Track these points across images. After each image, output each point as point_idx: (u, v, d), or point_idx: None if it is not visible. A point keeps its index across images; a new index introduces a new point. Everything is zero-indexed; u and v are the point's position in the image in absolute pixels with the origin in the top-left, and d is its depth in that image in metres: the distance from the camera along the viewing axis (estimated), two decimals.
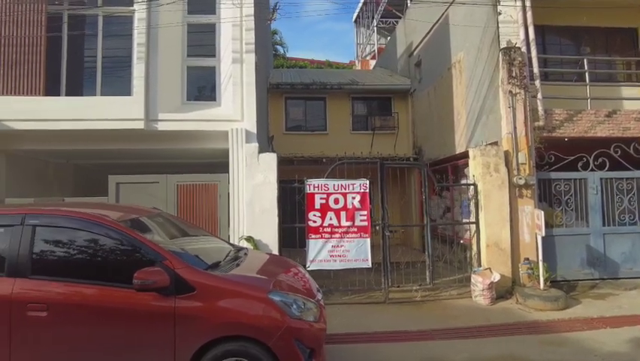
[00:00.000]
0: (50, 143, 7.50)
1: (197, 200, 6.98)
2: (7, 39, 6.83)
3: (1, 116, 6.86)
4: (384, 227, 6.98)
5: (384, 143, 13.36)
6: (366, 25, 25.53)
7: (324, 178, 6.89)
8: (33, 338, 3.38)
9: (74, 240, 3.62)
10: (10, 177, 7.65)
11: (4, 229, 3.63)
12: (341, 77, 14.56)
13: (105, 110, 6.89)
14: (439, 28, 11.13)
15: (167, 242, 3.96)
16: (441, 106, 11.20)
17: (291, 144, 13.01)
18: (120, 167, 10.62)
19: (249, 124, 7.12)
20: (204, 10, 7.57)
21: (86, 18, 7.69)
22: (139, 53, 7.00)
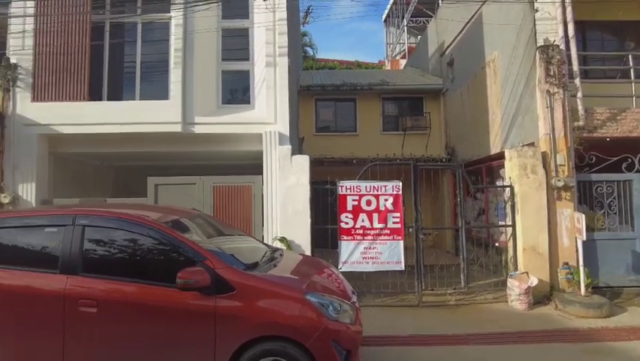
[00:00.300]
0: (93, 146, 7.84)
1: (233, 201, 7.12)
2: (57, 48, 7.20)
3: (50, 121, 7.25)
4: (417, 230, 6.92)
5: (415, 143, 13.21)
6: (396, 24, 25.31)
7: (356, 180, 6.89)
8: (83, 332, 3.56)
9: (121, 240, 3.78)
10: (57, 178, 8.03)
11: (56, 228, 3.84)
12: (371, 78, 14.51)
13: (144, 114, 7.16)
14: (472, 26, 10.93)
15: (207, 242, 4.07)
16: (474, 106, 10.98)
17: (321, 145, 13.05)
18: (157, 168, 10.95)
19: (282, 127, 7.22)
20: (238, 15, 7.73)
21: (125, 25, 8.02)
22: (176, 58, 7.23)
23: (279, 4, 7.18)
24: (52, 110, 7.27)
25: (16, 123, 7.33)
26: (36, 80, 7.33)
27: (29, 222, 4.02)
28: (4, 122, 7.31)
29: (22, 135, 7.31)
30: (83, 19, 7.27)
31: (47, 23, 7.27)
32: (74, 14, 7.20)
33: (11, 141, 7.33)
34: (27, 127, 7.32)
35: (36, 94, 7.33)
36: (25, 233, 3.96)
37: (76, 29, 7.27)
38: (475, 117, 10.92)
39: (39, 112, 7.31)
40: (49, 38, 7.28)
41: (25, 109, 7.34)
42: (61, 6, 7.26)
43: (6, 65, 7.23)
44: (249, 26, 7.64)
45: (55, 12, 7.25)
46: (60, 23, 7.22)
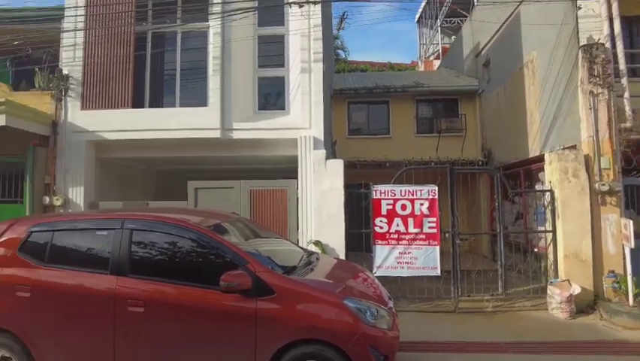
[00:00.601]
0: (136, 151, 8.20)
1: (269, 204, 7.28)
2: (104, 59, 7.60)
3: (97, 127, 7.66)
4: (454, 235, 6.84)
5: (450, 146, 13.01)
6: (430, 25, 24.99)
7: (391, 184, 6.88)
8: (131, 330, 3.76)
9: (166, 243, 3.97)
10: (103, 182, 8.45)
11: (107, 231, 4.08)
12: (404, 80, 14.39)
13: (184, 120, 7.44)
14: (508, 26, 10.67)
15: (247, 246, 4.21)
16: (512, 107, 10.71)
17: (354, 148, 13.07)
18: (196, 172, 11.33)
19: (316, 131, 7.31)
20: (274, 22, 7.91)
21: (166, 35, 8.35)
22: (214, 65, 7.47)
23: (314, 11, 7.28)
24: (98, 118, 7.68)
25: (67, 130, 7.79)
26: (85, 90, 7.77)
27: (82, 225, 4.29)
28: (57, 129, 7.79)
29: (73, 142, 7.75)
30: (127, 31, 7.65)
31: (95, 36, 7.69)
32: (120, 27, 7.57)
33: (63, 147, 7.79)
34: (77, 134, 7.76)
35: (85, 102, 7.77)
36: (79, 235, 4.22)
37: (121, 41, 7.66)
38: (513, 119, 10.65)
39: (87, 119, 7.74)
40: (97, 50, 7.71)
41: (75, 117, 7.79)
42: (108, 19, 7.66)
43: (59, 77, 7.71)
44: (284, 33, 7.80)
45: (102, 25, 7.65)
46: (107, 36, 7.63)
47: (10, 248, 4.16)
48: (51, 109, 7.85)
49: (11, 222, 4.37)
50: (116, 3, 7.63)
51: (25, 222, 4.34)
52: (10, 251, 4.15)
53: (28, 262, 4.05)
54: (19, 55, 8.20)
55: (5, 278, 4.02)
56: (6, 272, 4.05)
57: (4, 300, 3.95)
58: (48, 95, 7.87)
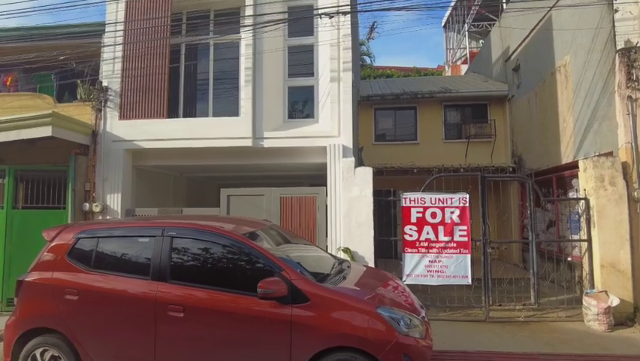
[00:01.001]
0: (170, 159, 8.49)
1: (298, 211, 7.40)
2: (141, 71, 7.93)
3: (134, 137, 7.98)
4: (485, 243, 6.77)
5: (479, 152, 12.84)
6: (457, 29, 24.72)
7: (421, 192, 6.87)
8: (171, 334, 3.92)
9: (205, 250, 4.14)
10: (139, 189, 8.77)
11: (148, 238, 4.27)
12: (432, 85, 14.31)
13: (217, 130, 7.66)
14: (540, 30, 10.48)
15: (282, 253, 4.32)
16: (543, 113, 10.50)
17: (381, 154, 13.09)
18: (225, 179, 11.61)
19: (345, 139, 7.39)
20: (303, 33, 8.05)
21: (199, 46, 8.64)
22: (246, 76, 7.67)
23: (343, 21, 7.39)
24: (135, 127, 8.01)
25: (105, 140, 8.15)
26: (123, 100, 8.11)
27: (125, 232, 4.51)
28: (96, 138, 8.16)
29: (111, 150, 8.10)
30: (162, 44, 7.95)
31: (133, 49, 8.03)
32: (156, 40, 7.89)
33: (101, 155, 8.15)
34: (115, 143, 8.11)
35: (123, 113, 8.11)
36: (122, 242, 4.45)
37: (157, 53, 7.98)
38: (544, 125, 10.43)
39: (125, 129, 8.08)
40: (134, 62, 8.05)
41: (114, 126, 8.14)
42: (145, 34, 7.99)
43: (99, 88, 8.09)
44: (314, 43, 7.94)
45: (139, 39, 7.99)
46: (144, 49, 7.96)
47: (60, 253, 4.42)
48: (91, 119, 8.23)
49: (60, 229, 4.64)
50: (153, 18, 7.95)
51: (73, 229, 4.59)
52: (60, 256, 4.41)
53: (76, 267, 4.30)
54: (63, 69, 8.67)
55: (55, 282, 4.27)
56: (56, 276, 4.31)
57: (55, 302, 4.20)
58: (89, 106, 8.25)
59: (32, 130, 7.18)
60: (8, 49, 8.65)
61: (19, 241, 7.81)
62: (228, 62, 8.43)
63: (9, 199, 7.93)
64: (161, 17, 7.98)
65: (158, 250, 4.14)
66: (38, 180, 8.05)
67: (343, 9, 7.23)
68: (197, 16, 8.35)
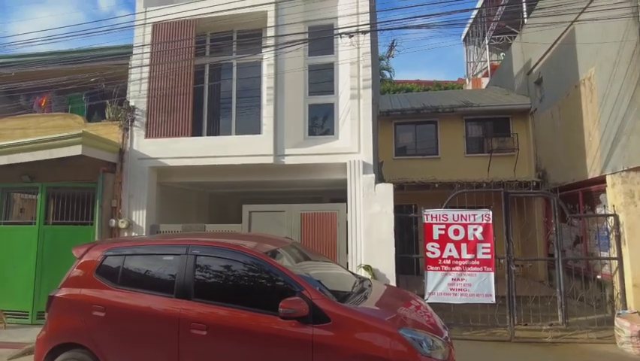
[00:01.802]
0: (193, 176, 8.67)
1: (318, 228, 7.42)
2: (166, 91, 8.20)
3: (159, 154, 8.21)
4: (509, 261, 6.63)
5: (502, 166, 12.65)
6: (477, 43, 24.61)
7: (443, 208, 6.81)
8: (195, 351, 3.96)
9: (228, 268, 4.20)
10: (163, 205, 8.97)
11: (173, 257, 4.37)
12: (453, 99, 14.23)
13: (240, 148, 7.81)
14: (562, 43, 10.36)
15: (303, 272, 4.34)
16: (568, 126, 10.30)
17: (401, 168, 13.04)
18: (248, 194, 11.77)
19: (365, 156, 7.41)
20: (324, 51, 8.19)
21: (222, 66, 8.88)
22: (268, 95, 7.83)
23: (363, 40, 7.48)
24: (161, 146, 8.24)
25: (132, 157, 8.40)
26: (149, 119, 8.38)
27: (151, 250, 4.61)
28: (123, 156, 8.42)
29: (137, 168, 8.34)
30: (187, 65, 8.21)
31: (159, 70, 8.32)
32: (181, 61, 8.16)
33: (128, 173, 8.40)
34: (141, 160, 8.35)
35: (149, 131, 8.37)
36: (148, 260, 4.55)
37: (182, 74, 8.24)
38: (569, 138, 10.22)
39: (150, 147, 8.32)
40: (160, 83, 8.33)
41: (140, 145, 8.39)
42: (171, 55, 8.27)
43: (126, 108, 8.38)
44: (334, 61, 8.05)
45: (165, 60, 8.28)
46: (169, 70, 8.23)
47: (88, 270, 4.56)
48: (118, 138, 8.52)
49: (89, 247, 4.79)
50: (178, 40, 8.23)
51: (101, 247, 4.74)
52: (88, 273, 4.54)
53: (103, 284, 4.42)
54: (93, 90, 9.03)
55: (83, 298, 4.40)
56: (84, 292, 4.44)
57: (82, 318, 4.32)
58: (116, 125, 8.55)
59: (63, 149, 7.48)
60: (44, 72, 9.09)
61: (49, 255, 8.08)
62: (250, 81, 8.63)
63: (41, 215, 8.24)
64: (186, 39, 8.25)
65: (182, 268, 4.22)
66: (67, 196, 8.35)
67: (363, 28, 7.32)
68: (220, 37, 8.61)
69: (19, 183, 8.51)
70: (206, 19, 8.28)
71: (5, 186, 8.60)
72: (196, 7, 8.26)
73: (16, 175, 8.30)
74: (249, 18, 8.22)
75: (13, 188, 8.82)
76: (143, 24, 8.59)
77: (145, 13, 8.65)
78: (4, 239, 8.33)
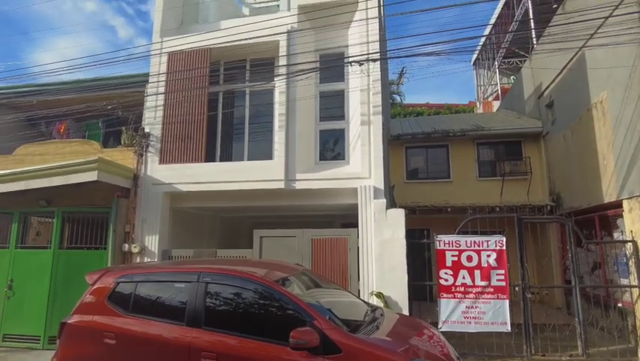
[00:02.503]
0: (205, 201, 8.74)
1: (330, 253, 7.37)
2: (181, 118, 8.39)
3: (173, 180, 8.33)
4: (524, 288, 6.48)
5: (515, 189, 12.53)
6: (487, 66, 24.78)
7: (455, 234, 6.73)
8: None
9: (238, 296, 4.19)
10: (175, 230, 9.02)
11: (184, 284, 4.38)
12: (463, 123, 14.24)
13: (252, 173, 7.89)
14: (573, 67, 10.37)
15: (313, 301, 4.30)
16: (581, 150, 10.20)
17: (413, 192, 12.99)
18: (259, 218, 11.80)
19: (376, 181, 7.41)
20: (334, 79, 8.32)
21: (236, 93, 9.07)
22: (280, 121, 7.94)
23: (373, 67, 7.60)
24: (175, 171, 8.37)
25: (146, 183, 8.53)
26: (163, 145, 8.54)
27: (163, 278, 4.63)
28: (137, 182, 8.56)
29: (151, 193, 8.45)
30: (201, 92, 8.42)
31: (174, 98, 8.54)
32: (195, 89, 8.37)
33: (141, 198, 8.51)
34: (154, 186, 8.47)
35: (163, 157, 8.51)
36: (159, 287, 4.57)
37: (196, 101, 8.43)
38: (583, 162, 10.11)
39: (164, 173, 8.45)
40: (175, 110, 8.53)
41: (154, 170, 8.53)
42: (186, 83, 8.50)
43: (142, 135, 8.57)
44: (344, 88, 8.18)
45: (180, 88, 8.50)
46: (184, 97, 8.44)
47: (100, 297, 4.59)
48: (133, 163, 8.68)
49: (102, 273, 4.83)
50: (193, 68, 8.46)
51: (114, 273, 4.77)
52: (100, 299, 4.57)
53: (115, 311, 4.43)
54: (110, 117, 9.29)
55: (95, 325, 4.41)
56: (96, 319, 4.46)
57: (94, 346, 4.32)
58: (131, 151, 8.73)
59: (79, 175, 7.65)
60: (63, 100, 9.40)
61: (62, 280, 8.16)
62: (263, 108, 8.79)
63: (56, 240, 8.36)
64: (200, 68, 8.48)
65: (193, 296, 4.22)
66: (82, 220, 8.48)
67: (373, 56, 7.45)
68: (234, 66, 8.83)
69: (36, 208, 8.68)
70: (220, 49, 8.52)
71: (23, 211, 8.78)
72: (210, 37, 8.51)
73: (33, 200, 8.48)
74: (261, 47, 8.43)
75: (30, 212, 8.99)
76: (159, 53, 8.86)
77: (161, 43, 8.94)
78: (19, 263, 8.44)
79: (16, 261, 8.47)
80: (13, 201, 8.41)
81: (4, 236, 8.79)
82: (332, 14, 7.89)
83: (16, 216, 8.70)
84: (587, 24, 7.38)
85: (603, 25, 7.71)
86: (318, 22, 8.10)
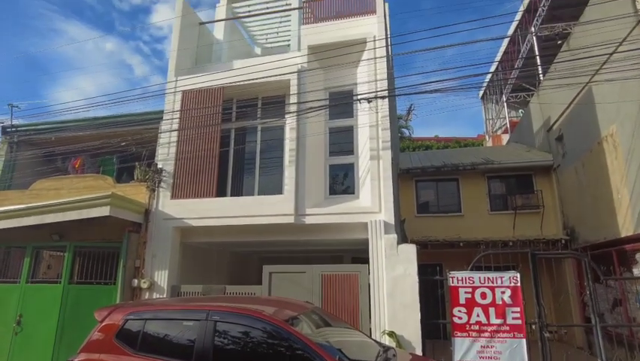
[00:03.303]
0: (215, 236, 8.74)
1: (340, 290, 7.24)
2: (193, 154, 8.55)
3: (183, 215, 8.38)
4: (541, 327, 6.25)
5: (528, 223, 12.34)
6: (495, 100, 25.03)
7: (468, 270, 6.59)
8: None
9: (246, 335, 4.12)
10: (184, 265, 8.97)
11: (193, 322, 4.32)
12: (473, 156, 14.26)
13: (262, 208, 7.92)
14: (581, 101, 10.44)
15: (324, 341, 4.20)
16: (594, 183, 10.10)
17: (424, 226, 12.86)
18: (268, 253, 11.73)
19: (387, 216, 7.37)
20: (344, 115, 8.48)
21: (247, 130, 9.25)
22: (290, 157, 8.03)
23: (381, 104, 7.73)
24: (185, 206, 8.43)
25: (157, 218, 8.59)
26: (175, 181, 8.65)
27: (172, 315, 4.59)
28: (149, 217, 8.63)
29: (162, 228, 8.50)
30: (214, 129, 8.61)
31: (187, 134, 8.73)
32: (208, 126, 8.56)
33: (152, 232, 8.55)
34: (165, 221, 8.52)
35: (174, 192, 8.61)
36: (168, 325, 4.52)
37: (208, 137, 8.62)
38: (596, 195, 9.99)
39: (175, 208, 8.52)
40: (187, 146, 8.71)
41: (165, 205, 8.61)
42: (199, 120, 8.71)
43: (154, 170, 8.72)
44: (354, 124, 8.30)
45: (193, 125, 8.70)
46: (196, 134, 8.63)
47: (109, 334, 4.54)
48: (145, 198, 8.78)
49: (111, 310, 4.80)
50: (206, 107, 8.70)
51: (123, 310, 4.74)
52: (108, 337, 4.52)
53: (122, 350, 4.37)
54: (124, 152, 9.50)
55: None
56: (103, 358, 4.39)
57: None
58: (143, 187, 8.85)
59: (92, 210, 7.75)
60: (80, 137, 9.68)
61: (71, 315, 8.11)
62: (273, 143, 8.92)
63: (67, 274, 8.37)
64: (213, 105, 8.71)
65: (201, 334, 4.16)
66: (93, 255, 8.51)
67: (381, 93, 7.60)
68: (245, 104, 9.06)
69: (49, 242, 8.77)
70: (233, 87, 8.78)
71: (36, 245, 8.87)
72: (223, 77, 8.77)
73: (46, 234, 8.58)
74: (272, 85, 8.66)
75: (43, 246, 9.08)
76: (174, 91, 9.15)
77: (175, 82, 9.24)
78: (29, 298, 8.45)
79: (26, 296, 8.48)
80: (27, 235, 8.52)
81: (15, 271, 8.85)
82: (341, 54, 8.12)
83: (29, 250, 8.79)
84: (592, 60, 7.48)
85: (609, 61, 7.81)
86: (327, 61, 8.35)
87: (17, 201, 9.01)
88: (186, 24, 9.97)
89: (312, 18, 9.13)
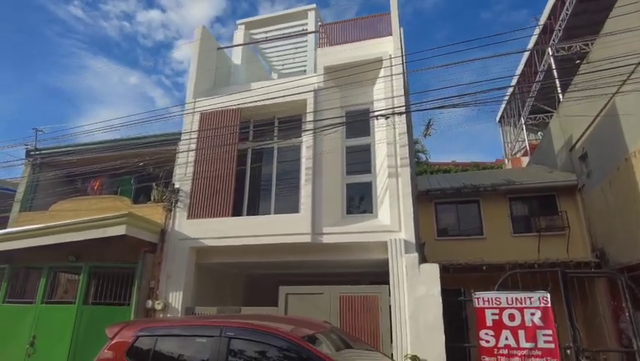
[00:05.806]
0: (231, 256, 8.59)
1: (359, 312, 6.95)
2: (210, 174, 8.54)
3: (200, 235, 8.30)
4: (577, 351, 5.82)
5: (553, 246, 11.81)
6: (513, 123, 24.74)
7: (495, 291, 6.25)
8: None
9: (261, 353, 3.91)
10: (199, 286, 8.80)
11: (206, 339, 4.14)
12: (494, 178, 13.90)
13: (278, 227, 7.78)
14: (605, 117, 10.14)
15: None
16: (623, 201, 9.67)
17: (444, 250, 12.43)
18: (285, 276, 11.42)
19: (407, 234, 7.14)
20: (361, 133, 8.41)
21: (264, 149, 9.23)
22: (307, 175, 7.95)
23: (399, 121, 7.64)
24: (202, 226, 8.35)
25: (173, 238, 8.52)
26: (192, 201, 8.62)
27: (184, 331, 4.42)
28: (164, 237, 8.56)
29: (177, 248, 8.41)
30: (231, 149, 8.61)
31: (204, 155, 8.75)
32: (225, 146, 8.58)
33: (167, 253, 8.46)
34: (181, 241, 8.44)
35: (191, 212, 8.57)
36: (180, 342, 4.35)
37: (225, 158, 8.63)
38: (626, 214, 9.54)
39: (191, 228, 8.44)
40: (204, 166, 8.72)
41: (181, 225, 8.55)
42: (216, 140, 8.74)
43: (171, 190, 8.73)
44: (371, 142, 8.20)
45: (210, 145, 8.73)
46: (214, 154, 8.65)
47: (119, 352, 4.39)
48: (161, 218, 8.74)
49: (122, 326, 4.66)
50: (224, 127, 8.75)
51: (134, 327, 4.60)
52: (119, 354, 4.37)
53: None
54: (141, 173, 9.56)
55: None
56: None
57: None
58: (160, 207, 8.83)
59: (108, 229, 7.74)
60: (100, 158, 9.81)
61: (84, 336, 7.97)
62: (290, 163, 8.86)
63: (81, 295, 8.29)
64: (230, 126, 8.75)
65: (215, 352, 3.99)
66: (108, 276, 8.43)
67: (398, 110, 7.51)
68: (262, 123, 9.08)
69: (65, 263, 8.74)
70: (250, 108, 8.83)
71: (52, 266, 8.85)
72: (241, 98, 8.86)
73: (63, 255, 8.57)
74: (289, 106, 8.68)
75: (59, 267, 9.05)
76: (192, 112, 9.25)
77: (194, 103, 9.36)
78: (43, 319, 8.36)
79: (41, 316, 8.40)
80: (43, 255, 8.52)
81: (31, 292, 8.81)
82: (357, 73, 8.12)
83: (45, 270, 8.77)
84: (616, 71, 7.27)
85: (635, 72, 7.60)
86: (343, 80, 8.35)
87: (38, 221, 9.08)
88: (205, 48, 10.20)
89: (327, 42, 9.24)
